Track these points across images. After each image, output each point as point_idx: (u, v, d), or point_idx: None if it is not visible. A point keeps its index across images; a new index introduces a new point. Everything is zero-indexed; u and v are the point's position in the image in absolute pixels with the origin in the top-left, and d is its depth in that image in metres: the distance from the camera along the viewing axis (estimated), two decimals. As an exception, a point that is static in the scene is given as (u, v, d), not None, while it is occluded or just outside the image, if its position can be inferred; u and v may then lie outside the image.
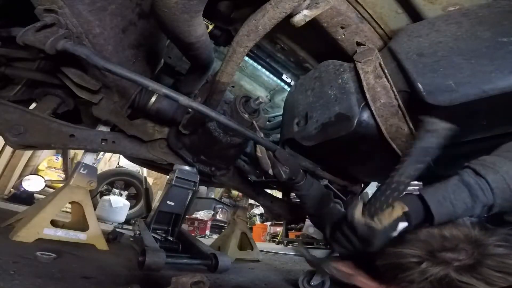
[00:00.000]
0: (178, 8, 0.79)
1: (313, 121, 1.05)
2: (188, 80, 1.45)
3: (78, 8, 0.96)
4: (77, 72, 1.16)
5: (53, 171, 4.21)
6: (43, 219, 1.21)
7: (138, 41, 1.20)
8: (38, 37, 0.88)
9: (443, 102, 0.72)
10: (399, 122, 0.87)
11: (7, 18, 1.19)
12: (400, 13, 0.88)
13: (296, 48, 1.29)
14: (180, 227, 1.56)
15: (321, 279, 1.17)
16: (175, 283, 0.78)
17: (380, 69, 0.87)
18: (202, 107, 0.97)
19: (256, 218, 6.53)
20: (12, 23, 1.15)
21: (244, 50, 0.91)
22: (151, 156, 1.46)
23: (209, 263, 1.32)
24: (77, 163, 1.40)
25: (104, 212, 3.33)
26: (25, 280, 0.74)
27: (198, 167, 1.51)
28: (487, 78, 0.68)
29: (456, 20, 0.77)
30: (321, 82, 1.07)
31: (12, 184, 3.66)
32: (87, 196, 1.35)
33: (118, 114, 1.31)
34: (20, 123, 1.12)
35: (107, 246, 1.35)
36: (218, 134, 1.27)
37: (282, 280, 1.52)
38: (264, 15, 0.80)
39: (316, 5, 0.79)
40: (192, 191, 1.52)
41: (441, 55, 0.75)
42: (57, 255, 0.99)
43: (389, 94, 0.85)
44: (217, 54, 1.68)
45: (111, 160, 5.23)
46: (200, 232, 4.13)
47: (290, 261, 2.48)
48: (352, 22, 0.91)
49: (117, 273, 1.04)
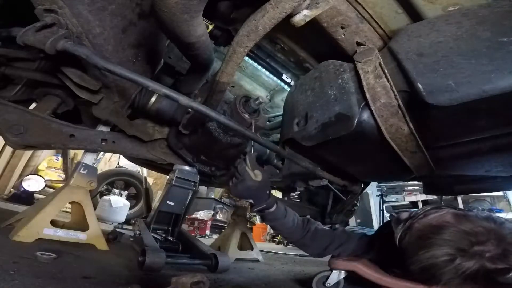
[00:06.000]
0: (178, 8, 0.79)
1: (313, 121, 1.05)
2: (188, 80, 1.45)
3: (78, 8, 0.96)
4: (77, 72, 1.16)
5: (53, 171, 4.21)
6: (43, 219, 1.21)
7: (138, 41, 1.20)
8: (38, 37, 0.88)
9: (443, 102, 0.72)
10: (399, 122, 0.87)
11: (7, 18, 1.19)
12: (400, 13, 0.88)
13: (296, 48, 1.29)
14: (180, 227, 1.56)
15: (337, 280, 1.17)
16: (175, 283, 0.78)
17: (380, 69, 0.87)
18: (202, 107, 0.97)
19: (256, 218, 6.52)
20: (12, 23, 1.15)
21: (244, 50, 0.91)
22: (151, 156, 1.46)
23: (209, 263, 1.32)
24: (77, 163, 1.40)
25: (104, 212, 3.33)
26: (25, 280, 0.74)
27: (198, 167, 1.51)
28: (487, 78, 0.68)
29: (456, 20, 0.77)
30: (321, 82, 1.07)
31: (12, 184, 3.66)
32: (87, 196, 1.35)
33: (118, 114, 1.31)
34: (20, 123, 1.12)
35: (107, 246, 1.35)
36: (218, 134, 1.27)
37: (282, 280, 1.52)
38: (264, 15, 0.80)
39: (316, 5, 0.79)
40: (192, 191, 1.52)
41: (441, 55, 0.75)
42: (57, 255, 0.99)
43: (389, 94, 0.85)
44: (217, 54, 1.68)
45: (111, 160, 5.23)
46: (200, 232, 4.13)
47: (290, 261, 2.48)
48: (352, 22, 0.91)
49: (117, 273, 1.04)
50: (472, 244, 0.74)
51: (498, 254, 0.71)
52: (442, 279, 0.75)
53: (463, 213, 0.91)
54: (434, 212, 0.96)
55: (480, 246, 0.73)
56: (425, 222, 0.94)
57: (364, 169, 1.33)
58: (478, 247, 0.73)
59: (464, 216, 0.87)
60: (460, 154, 0.97)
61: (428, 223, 0.93)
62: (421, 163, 1.02)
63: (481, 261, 0.71)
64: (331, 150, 1.15)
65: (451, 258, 0.74)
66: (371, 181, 1.82)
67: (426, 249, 0.79)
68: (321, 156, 1.26)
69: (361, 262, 1.10)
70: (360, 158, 1.20)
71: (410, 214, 1.02)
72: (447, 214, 0.92)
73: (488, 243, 0.73)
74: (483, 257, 0.71)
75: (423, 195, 5.02)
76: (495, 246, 0.72)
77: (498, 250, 0.72)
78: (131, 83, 1.20)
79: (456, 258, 0.74)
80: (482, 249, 0.72)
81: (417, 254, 0.81)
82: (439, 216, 0.93)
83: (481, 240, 0.74)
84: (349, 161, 1.27)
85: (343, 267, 1.15)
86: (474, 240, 0.74)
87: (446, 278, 0.74)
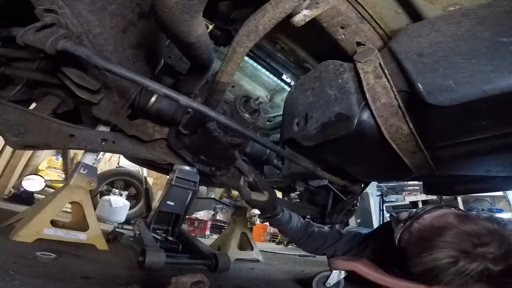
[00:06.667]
0: (178, 8, 0.79)
1: (313, 121, 1.05)
2: (188, 80, 1.45)
3: (78, 8, 0.96)
4: (77, 72, 1.16)
5: (53, 171, 4.21)
6: (43, 219, 1.21)
7: (138, 41, 1.20)
8: (38, 37, 0.88)
9: (443, 102, 0.72)
10: (399, 122, 0.87)
11: (7, 18, 1.19)
12: (400, 13, 0.88)
13: (296, 48, 1.29)
14: (180, 227, 1.55)
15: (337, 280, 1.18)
16: (175, 283, 0.78)
17: (380, 69, 0.87)
18: (202, 107, 0.97)
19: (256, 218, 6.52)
20: (12, 23, 1.15)
21: (244, 50, 0.91)
22: (151, 156, 1.46)
23: (209, 263, 1.32)
24: (77, 163, 1.40)
25: (104, 212, 3.33)
26: (25, 280, 0.74)
27: (198, 167, 1.51)
28: (487, 78, 0.68)
29: (456, 20, 0.77)
30: (321, 82, 1.07)
31: (12, 184, 3.66)
32: (87, 196, 1.35)
33: (118, 114, 1.31)
34: (20, 123, 1.12)
35: (107, 246, 1.35)
36: (218, 134, 1.27)
37: (282, 280, 1.52)
38: (264, 15, 0.80)
39: (316, 5, 0.79)
40: (192, 191, 1.51)
41: (441, 55, 0.75)
42: (57, 255, 0.99)
43: (389, 94, 0.85)
44: (217, 54, 1.68)
45: (111, 160, 5.23)
46: (200, 232, 4.12)
47: (290, 261, 2.48)
48: (352, 22, 0.91)
49: (117, 273, 1.04)
50: (475, 245, 0.74)
51: (501, 255, 0.71)
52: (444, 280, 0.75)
53: (465, 214, 0.91)
54: (434, 212, 0.96)
55: (483, 248, 0.73)
56: (426, 223, 0.94)
57: (364, 169, 1.33)
58: (481, 248, 0.73)
59: (466, 217, 0.87)
60: (460, 154, 0.98)
61: (429, 224, 0.93)
62: (421, 163, 1.02)
63: (484, 262, 0.71)
64: (331, 150, 1.15)
65: (454, 260, 0.74)
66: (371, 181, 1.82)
67: (428, 251, 0.79)
68: (321, 156, 1.26)
69: (361, 262, 1.10)
70: (360, 158, 1.20)
71: (409, 214, 1.02)
72: (449, 215, 0.92)
73: (491, 244, 0.73)
74: (486, 258, 0.71)
75: (423, 195, 5.02)
76: (497, 247, 0.72)
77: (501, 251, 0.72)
78: (131, 83, 1.20)
79: (459, 260, 0.73)
80: (485, 251, 0.72)
81: (419, 256, 0.81)
82: (441, 217, 0.93)
83: (484, 241, 0.74)
84: (349, 161, 1.27)
85: (343, 267, 1.15)
86: (477, 241, 0.74)
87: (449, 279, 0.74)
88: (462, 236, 0.77)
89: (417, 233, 0.94)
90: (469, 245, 0.74)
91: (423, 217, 0.96)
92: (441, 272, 0.75)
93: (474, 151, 0.94)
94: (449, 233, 0.79)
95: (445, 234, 0.79)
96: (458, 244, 0.76)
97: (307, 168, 1.29)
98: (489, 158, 0.97)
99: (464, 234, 0.77)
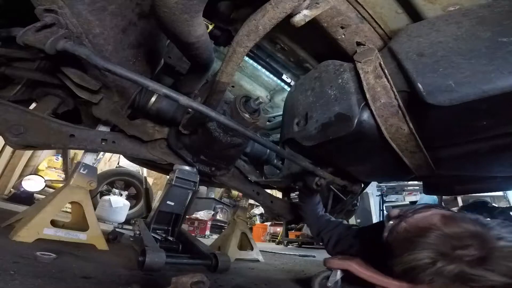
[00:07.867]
0: (178, 8, 0.79)
1: (313, 121, 1.05)
2: (188, 80, 1.45)
3: (78, 8, 0.96)
4: (77, 72, 1.16)
5: (53, 171, 4.22)
6: (43, 219, 1.21)
7: (138, 41, 1.20)
8: (38, 37, 0.88)
9: (443, 102, 0.72)
10: (399, 122, 0.87)
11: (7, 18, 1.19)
12: (400, 13, 0.88)
13: (296, 48, 1.29)
14: (180, 227, 1.55)
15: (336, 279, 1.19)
16: (175, 283, 0.78)
17: (380, 69, 0.87)
18: (202, 107, 0.97)
19: (256, 218, 6.53)
20: (12, 23, 1.15)
21: (244, 50, 0.91)
22: (151, 156, 1.46)
23: (209, 263, 1.32)
24: (77, 163, 1.40)
25: (104, 212, 3.33)
26: (25, 280, 0.74)
27: (198, 167, 1.51)
28: (487, 78, 0.68)
29: (456, 20, 0.77)
30: (321, 82, 1.07)
31: (12, 184, 3.66)
32: (87, 196, 1.35)
33: (118, 114, 1.31)
34: (20, 123, 1.12)
35: (107, 246, 1.35)
36: (218, 134, 1.27)
37: (282, 280, 1.51)
38: (264, 15, 0.80)
39: (316, 5, 0.79)
40: (192, 191, 1.51)
41: (441, 55, 0.75)
42: (57, 255, 0.99)
43: (389, 94, 0.85)
44: (217, 54, 1.68)
45: (111, 160, 5.23)
46: (200, 232, 4.13)
47: (290, 261, 2.47)
48: (352, 22, 0.91)
49: (117, 273, 1.04)
50: (454, 248, 0.75)
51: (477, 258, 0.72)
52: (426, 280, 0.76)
53: (451, 216, 0.90)
54: (423, 212, 0.97)
55: (462, 251, 0.74)
56: (412, 223, 0.95)
57: (364, 169, 1.33)
58: (459, 251, 0.74)
59: (452, 218, 0.87)
60: (460, 154, 0.98)
61: (415, 224, 0.94)
62: (421, 163, 1.02)
63: (460, 265, 0.72)
64: (331, 150, 1.15)
65: (432, 261, 0.76)
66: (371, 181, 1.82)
67: (409, 251, 0.81)
68: (321, 156, 1.26)
69: (355, 261, 1.10)
70: (360, 158, 1.20)
71: (399, 212, 1.03)
72: (435, 216, 0.92)
73: (471, 247, 0.74)
74: (462, 261, 0.72)
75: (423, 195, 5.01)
76: (477, 251, 0.73)
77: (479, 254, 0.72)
78: (131, 83, 1.20)
79: (437, 261, 0.75)
80: (463, 253, 0.73)
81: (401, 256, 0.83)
82: (427, 217, 0.93)
83: (463, 244, 0.75)
84: (349, 161, 1.27)
85: (337, 266, 1.15)
86: (457, 244, 0.75)
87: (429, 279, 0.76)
88: (443, 238, 0.79)
89: (403, 232, 0.95)
90: (448, 247, 0.76)
91: (411, 216, 0.97)
92: (421, 272, 0.77)
93: (474, 151, 0.94)
94: (431, 234, 0.81)
95: (427, 236, 0.81)
96: (438, 246, 0.77)
97: (307, 168, 1.29)
98: (489, 158, 0.97)
99: (445, 236, 0.79)
